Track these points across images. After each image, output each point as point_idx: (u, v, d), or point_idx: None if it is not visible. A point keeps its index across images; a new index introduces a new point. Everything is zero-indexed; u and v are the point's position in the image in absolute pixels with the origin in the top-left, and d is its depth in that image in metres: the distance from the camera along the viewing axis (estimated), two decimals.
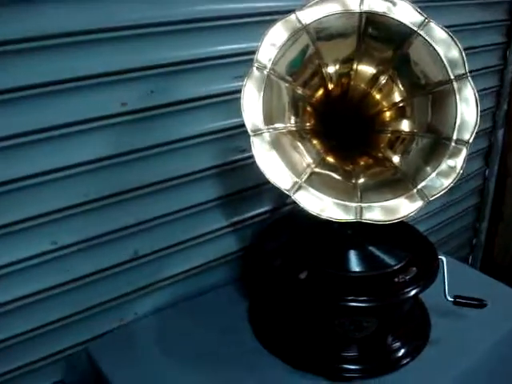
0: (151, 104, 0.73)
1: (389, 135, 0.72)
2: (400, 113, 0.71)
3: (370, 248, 0.75)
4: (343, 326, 0.72)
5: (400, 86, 0.71)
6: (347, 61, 0.70)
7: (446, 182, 0.64)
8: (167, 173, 0.79)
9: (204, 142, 0.81)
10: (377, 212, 0.64)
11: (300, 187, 0.64)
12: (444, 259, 0.78)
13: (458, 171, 0.64)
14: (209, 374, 0.73)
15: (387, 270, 0.71)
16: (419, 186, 0.64)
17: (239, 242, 0.91)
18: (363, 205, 0.64)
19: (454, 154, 0.65)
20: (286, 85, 0.68)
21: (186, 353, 0.76)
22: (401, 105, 0.71)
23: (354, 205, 0.64)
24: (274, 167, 0.64)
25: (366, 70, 0.71)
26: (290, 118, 0.70)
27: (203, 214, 0.85)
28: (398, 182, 0.66)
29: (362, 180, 0.68)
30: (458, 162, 0.64)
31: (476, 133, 1.35)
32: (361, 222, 0.63)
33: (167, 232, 0.82)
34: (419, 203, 0.63)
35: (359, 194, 0.66)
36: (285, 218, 0.85)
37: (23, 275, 0.70)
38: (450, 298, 0.78)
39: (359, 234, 0.76)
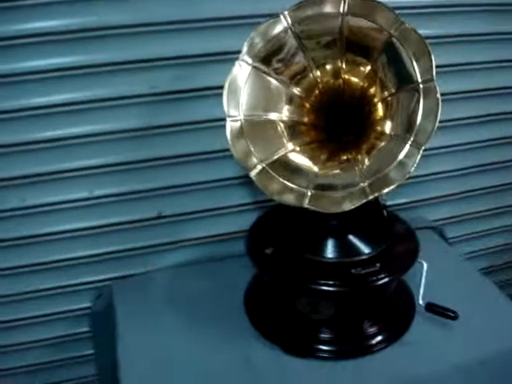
0: (177, 88, 0.86)
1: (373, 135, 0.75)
2: (386, 110, 0.73)
3: (347, 238, 0.78)
4: (302, 306, 0.77)
5: (388, 80, 0.72)
6: (335, 59, 0.75)
7: (397, 180, 0.66)
8: (196, 147, 0.91)
9: None
10: (322, 202, 0.69)
11: (262, 169, 0.72)
12: (425, 264, 0.79)
13: (406, 173, 0.65)
14: (194, 333, 0.83)
15: (347, 259, 0.75)
16: (367, 183, 0.67)
17: None
18: (312, 193, 0.69)
19: (408, 155, 0.66)
20: (278, 83, 0.76)
21: (185, 310, 0.87)
22: (389, 99, 0.72)
23: (304, 191, 0.70)
24: (243, 149, 0.73)
25: (355, 66, 0.74)
26: (284, 110, 0.78)
27: (228, 188, 0.96)
28: (354, 177, 0.70)
29: (326, 171, 0.73)
30: (410, 162, 0.66)
31: None
32: (349, 213, 0.68)
33: (191, 199, 0.95)
34: (361, 200, 0.67)
35: (315, 183, 0.71)
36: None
37: (63, 214, 0.89)
38: (421, 304, 0.78)
39: (343, 224, 0.80)
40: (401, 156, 0.66)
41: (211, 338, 0.82)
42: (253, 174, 0.72)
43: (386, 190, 0.66)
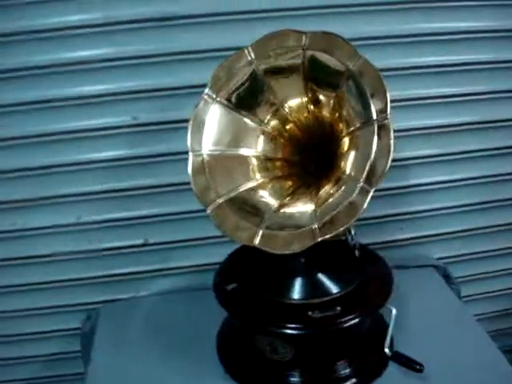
0: (159, 119, 0.88)
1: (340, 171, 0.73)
2: (350, 146, 0.70)
3: (310, 279, 0.76)
4: (262, 346, 0.75)
5: (351, 115, 0.69)
6: (301, 93, 0.73)
7: (346, 223, 0.63)
8: (179, 177, 0.88)
9: None
10: (273, 241, 0.67)
11: (220, 205, 0.71)
12: (394, 310, 0.74)
13: (355, 215, 0.62)
14: (164, 365, 0.82)
15: (307, 301, 0.72)
16: (317, 224, 0.65)
17: None
18: (264, 232, 0.68)
19: (359, 196, 0.63)
20: (248, 119, 0.76)
21: (161, 340, 0.86)
22: (353, 134, 0.69)
23: (255, 229, 0.68)
24: (203, 183, 0.73)
25: (321, 100, 0.72)
26: (256, 146, 0.77)
27: None
28: (307, 217, 0.68)
29: (284, 210, 0.71)
30: (360, 204, 0.63)
31: None
32: (315, 253, 0.68)
33: (176, 228, 0.96)
34: (310, 242, 0.64)
35: (270, 221, 0.69)
36: None
37: (52, 238, 0.93)
38: (388, 352, 0.73)
39: (312, 263, 0.78)
40: (352, 197, 0.64)
41: (178, 371, 0.80)
42: (209, 209, 0.72)
43: (334, 233, 0.64)
